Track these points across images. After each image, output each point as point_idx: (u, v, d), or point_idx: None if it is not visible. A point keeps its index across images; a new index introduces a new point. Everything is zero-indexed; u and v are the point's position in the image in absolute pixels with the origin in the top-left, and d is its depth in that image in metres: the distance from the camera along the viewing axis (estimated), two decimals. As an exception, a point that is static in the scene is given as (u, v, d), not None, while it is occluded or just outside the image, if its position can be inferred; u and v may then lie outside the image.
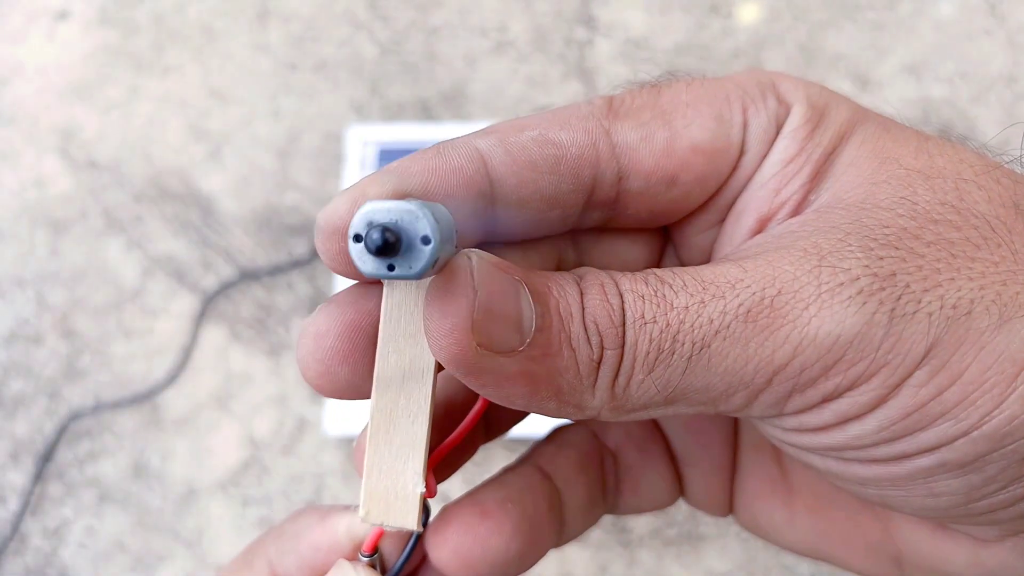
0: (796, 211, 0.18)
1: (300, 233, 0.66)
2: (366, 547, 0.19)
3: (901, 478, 0.16)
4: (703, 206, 0.19)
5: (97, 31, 0.73)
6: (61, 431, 0.61)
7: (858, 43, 0.69)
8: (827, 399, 0.15)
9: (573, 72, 0.69)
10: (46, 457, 0.60)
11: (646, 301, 0.15)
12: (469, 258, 0.15)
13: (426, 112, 0.69)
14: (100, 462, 0.61)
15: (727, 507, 0.24)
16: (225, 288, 0.64)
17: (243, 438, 0.61)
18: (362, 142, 0.64)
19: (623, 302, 0.15)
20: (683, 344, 0.15)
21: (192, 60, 0.72)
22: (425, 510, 0.18)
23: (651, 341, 0.15)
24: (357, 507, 0.18)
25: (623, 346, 0.15)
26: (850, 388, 0.15)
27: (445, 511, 0.20)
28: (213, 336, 0.63)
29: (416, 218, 0.14)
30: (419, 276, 0.14)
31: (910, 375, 0.15)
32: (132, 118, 0.70)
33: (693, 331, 0.15)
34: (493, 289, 0.15)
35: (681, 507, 0.57)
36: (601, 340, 0.15)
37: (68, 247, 0.66)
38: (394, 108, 0.69)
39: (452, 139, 0.17)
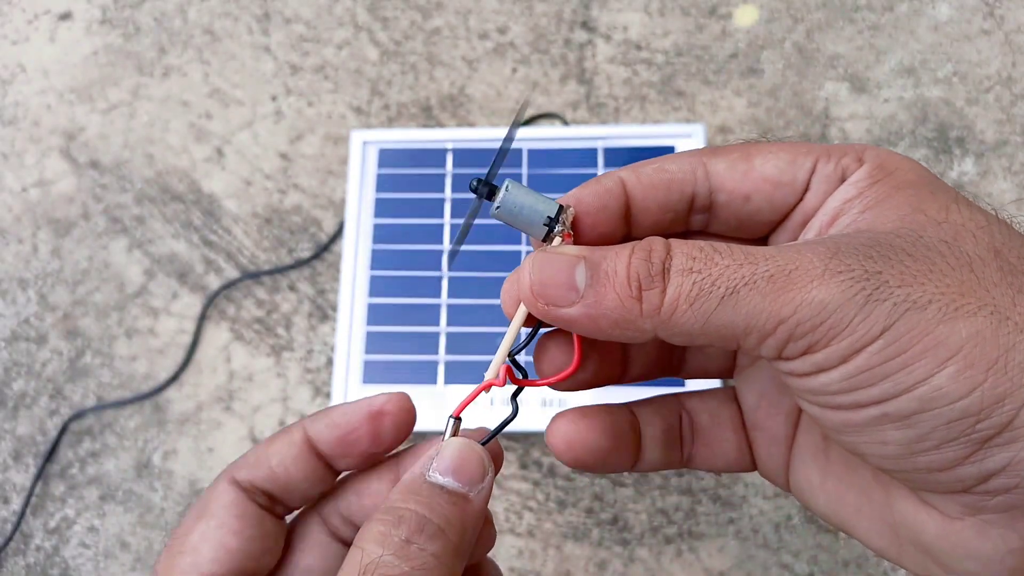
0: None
1: (302, 233, 0.66)
2: (455, 412, 0.26)
3: (859, 424, 0.21)
4: (780, 225, 0.26)
5: (99, 32, 0.74)
6: (63, 430, 0.61)
7: (856, 44, 0.69)
8: (810, 350, 0.21)
9: (573, 74, 0.70)
10: (48, 456, 0.61)
11: (695, 259, 0.22)
12: (534, 251, 0.24)
13: (426, 113, 0.69)
14: (102, 461, 0.61)
15: (786, 478, 0.29)
16: (227, 288, 0.64)
17: (245, 437, 0.61)
18: (363, 144, 0.64)
19: (670, 258, 0.22)
20: (719, 287, 0.21)
21: (194, 61, 0.72)
22: (515, 406, 0.27)
23: (694, 283, 0.21)
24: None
25: (664, 289, 0.22)
26: (825, 345, 0.20)
27: (559, 414, 0.27)
28: (215, 336, 0.63)
29: (506, 191, 0.25)
30: (491, 214, 0.25)
31: (869, 344, 0.20)
32: (134, 119, 0.71)
33: (728, 280, 0.21)
34: (546, 270, 0.23)
35: (680, 506, 0.57)
36: (640, 284, 0.22)
37: (70, 247, 0.67)
38: (394, 109, 0.69)
39: (606, 172, 0.26)
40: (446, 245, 0.61)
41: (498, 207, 0.25)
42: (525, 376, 0.27)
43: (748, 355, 0.24)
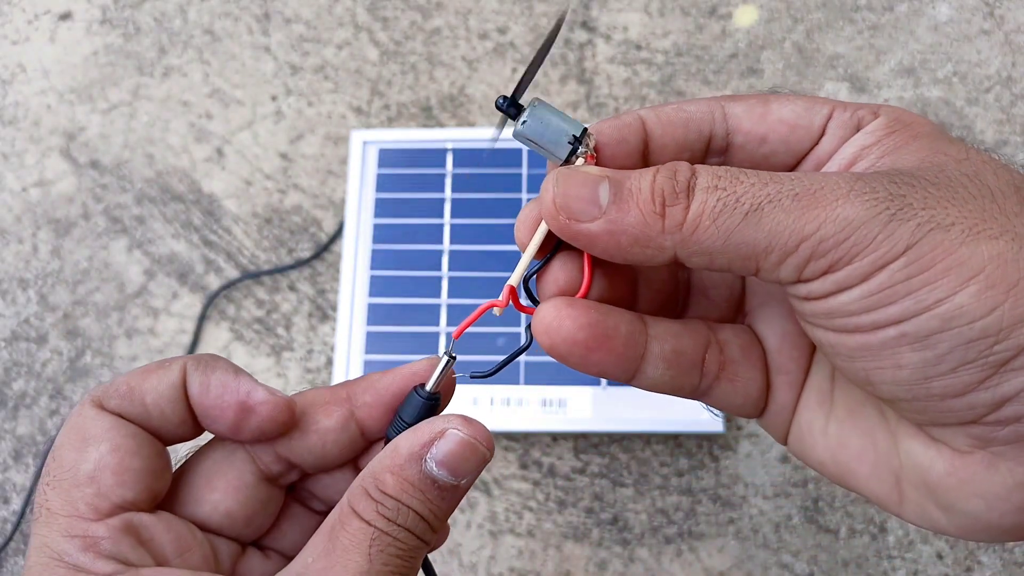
0: None
1: (302, 233, 0.66)
2: (455, 334, 0.27)
3: (875, 347, 0.21)
4: (794, 170, 0.26)
5: (99, 32, 0.74)
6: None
7: (856, 44, 0.69)
8: (831, 268, 0.21)
9: (573, 74, 0.70)
10: (48, 456, 0.61)
11: (721, 178, 0.22)
12: (558, 168, 0.24)
13: (426, 113, 0.69)
14: (102, 461, 0.61)
15: (787, 428, 0.28)
16: (227, 288, 0.64)
17: (245, 437, 0.61)
18: (363, 144, 0.64)
19: (695, 177, 0.22)
20: (744, 204, 0.21)
21: (194, 61, 0.72)
22: (528, 336, 0.26)
23: (719, 200, 0.22)
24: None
25: (688, 205, 0.22)
26: (848, 263, 0.21)
27: (550, 298, 0.26)
28: (215, 336, 0.64)
29: (533, 107, 0.25)
30: (514, 132, 0.25)
31: (892, 261, 0.20)
32: (134, 119, 0.71)
33: (753, 197, 0.21)
34: (570, 184, 0.23)
35: (680, 506, 0.57)
36: (664, 200, 0.22)
37: (70, 247, 0.67)
38: (394, 109, 0.69)
39: (627, 110, 0.25)
40: (446, 245, 0.61)
41: (524, 122, 0.25)
42: (537, 305, 0.26)
43: (765, 281, 0.24)
